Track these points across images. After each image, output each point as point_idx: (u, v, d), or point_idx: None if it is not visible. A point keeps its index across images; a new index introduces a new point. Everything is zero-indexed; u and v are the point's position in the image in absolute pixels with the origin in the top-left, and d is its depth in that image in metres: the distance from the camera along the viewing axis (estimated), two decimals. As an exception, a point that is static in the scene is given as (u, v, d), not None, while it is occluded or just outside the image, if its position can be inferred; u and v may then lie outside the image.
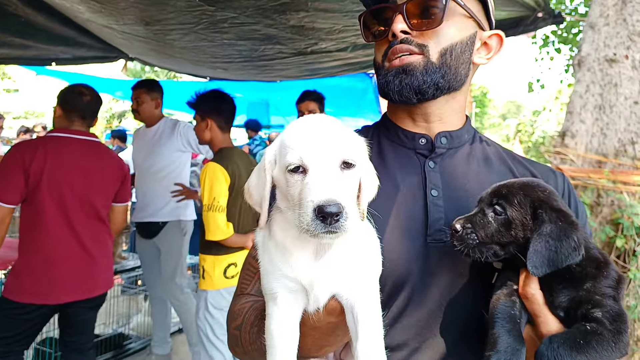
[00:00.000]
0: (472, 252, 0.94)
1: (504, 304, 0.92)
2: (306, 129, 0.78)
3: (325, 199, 0.69)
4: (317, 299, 0.81)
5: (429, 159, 1.12)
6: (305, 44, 3.31)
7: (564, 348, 0.82)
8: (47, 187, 2.78)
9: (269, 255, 0.84)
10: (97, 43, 4.43)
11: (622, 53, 4.02)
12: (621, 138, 3.97)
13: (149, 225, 4.07)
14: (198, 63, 4.19)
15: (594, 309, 0.86)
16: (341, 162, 0.76)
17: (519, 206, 0.93)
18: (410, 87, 1.06)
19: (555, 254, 0.87)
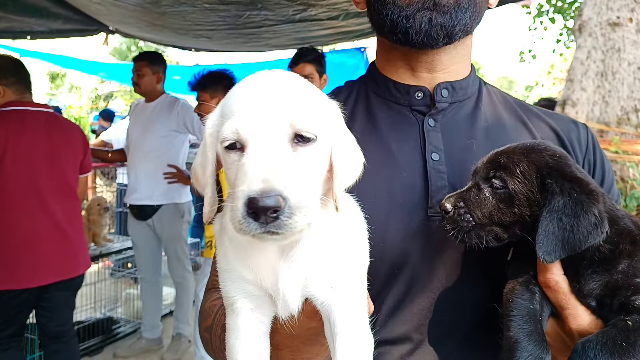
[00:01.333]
0: (467, 236, 0.78)
1: (521, 297, 0.75)
2: (248, 91, 0.59)
3: (258, 189, 0.51)
4: (286, 304, 0.64)
5: (427, 116, 0.94)
6: (293, 10, 3.09)
7: (602, 355, 0.66)
8: (13, 165, 2.61)
9: (224, 251, 0.67)
10: (73, 14, 4.20)
11: (626, 16, 3.85)
12: (624, 106, 3.84)
13: (143, 207, 3.93)
14: (180, 31, 3.96)
15: (635, 295, 0.70)
16: (292, 134, 0.57)
17: (522, 177, 0.76)
18: (442, 28, 0.86)
19: (571, 233, 0.70)
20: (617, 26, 3.90)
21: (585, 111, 3.99)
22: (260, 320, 0.66)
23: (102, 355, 4.16)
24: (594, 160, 0.99)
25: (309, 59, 3.22)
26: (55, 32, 4.82)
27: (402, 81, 0.96)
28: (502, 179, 0.77)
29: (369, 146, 0.90)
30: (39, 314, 2.90)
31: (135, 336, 4.40)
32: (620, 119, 3.86)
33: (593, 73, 3.99)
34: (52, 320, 2.89)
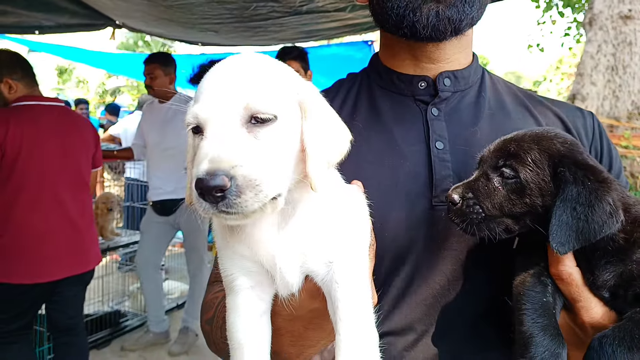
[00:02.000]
0: (477, 229, 0.75)
1: (533, 289, 0.73)
2: (211, 76, 0.60)
3: (204, 170, 0.52)
4: (285, 280, 0.63)
5: (431, 105, 0.93)
6: (300, 1, 3.07)
7: (620, 351, 0.64)
8: (28, 160, 2.61)
9: (221, 231, 0.66)
10: (80, 9, 4.20)
11: (638, 9, 3.79)
12: (635, 100, 3.78)
13: (165, 203, 4.00)
14: (187, 25, 3.95)
15: None
16: (247, 116, 0.57)
17: (534, 165, 0.73)
18: (450, 22, 0.84)
19: (585, 223, 0.68)
20: (629, 19, 3.83)
21: (595, 106, 3.95)
22: (260, 297, 0.65)
23: (110, 349, 4.19)
24: (600, 148, 0.97)
25: (293, 56, 3.25)
26: (63, 26, 4.84)
27: (405, 72, 0.96)
28: (513, 168, 0.74)
29: (373, 136, 0.91)
30: (50, 307, 2.92)
31: (142, 330, 4.43)
32: (631, 113, 3.81)
33: (603, 67, 3.94)
34: (63, 313, 2.91)
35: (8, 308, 2.66)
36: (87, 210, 2.97)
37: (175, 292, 5.31)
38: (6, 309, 2.65)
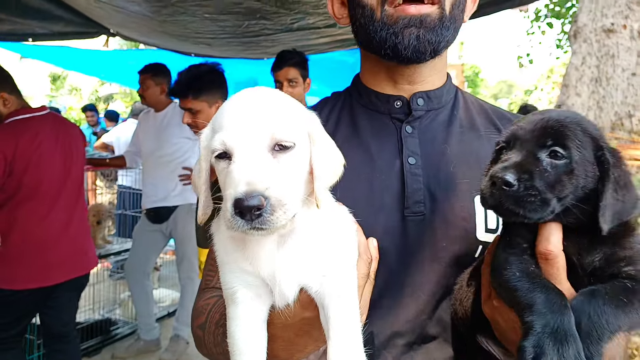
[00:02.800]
0: (533, 212, 0.70)
1: (519, 264, 0.74)
2: (234, 107, 0.66)
3: (243, 191, 0.59)
4: (283, 293, 0.70)
5: (405, 123, 1.00)
6: (291, 18, 3.13)
7: (609, 305, 0.67)
8: (34, 172, 2.69)
9: (224, 246, 0.73)
10: (75, 17, 4.25)
11: (620, 23, 3.90)
12: (618, 111, 3.88)
13: (159, 210, 4.04)
14: (181, 38, 4.01)
15: (629, 266, 0.72)
16: (272, 144, 0.64)
17: (582, 146, 0.72)
18: (429, 44, 0.90)
19: (622, 204, 0.70)
20: (612, 33, 3.95)
21: (580, 116, 4.05)
22: (259, 308, 0.71)
23: (101, 356, 4.19)
24: None
25: (292, 62, 3.13)
26: (57, 34, 4.86)
27: (383, 92, 1.02)
28: (565, 147, 0.71)
29: (352, 151, 0.96)
30: (45, 313, 2.96)
31: (133, 337, 4.43)
32: (614, 124, 3.91)
33: (588, 79, 4.04)
34: (57, 319, 2.95)
35: (9, 313, 2.70)
36: (84, 214, 3.05)
37: (166, 299, 5.31)
38: (8, 314, 2.70)
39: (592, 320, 0.66)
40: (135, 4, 3.05)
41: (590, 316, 0.66)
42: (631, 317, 0.68)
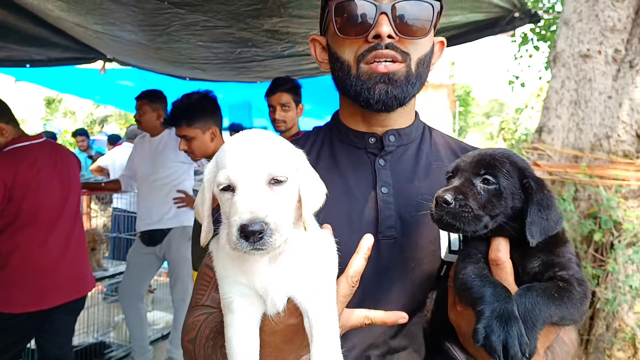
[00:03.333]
0: (467, 226, 0.87)
1: (474, 268, 0.89)
2: (235, 148, 0.78)
3: (247, 218, 0.70)
4: (274, 302, 0.81)
5: (378, 157, 1.12)
6: (281, 47, 3.28)
7: (541, 297, 0.81)
8: (33, 198, 2.77)
9: (223, 263, 0.83)
10: (72, 44, 4.33)
11: (595, 49, 4.08)
12: (596, 132, 4.03)
13: (154, 233, 4.10)
14: (176, 64, 4.14)
15: (562, 271, 0.87)
16: (269, 178, 0.76)
17: (508, 175, 0.90)
18: (395, 98, 1.03)
19: (547, 222, 0.86)
20: (588, 58, 4.12)
21: (561, 138, 4.18)
22: (253, 315, 0.82)
23: (95, 380, 4.20)
24: None
25: (285, 88, 3.28)
26: (54, 60, 4.94)
27: (358, 129, 1.15)
28: (494, 176, 0.89)
29: (333, 182, 1.07)
30: (41, 337, 3.00)
31: (127, 360, 4.45)
32: (594, 145, 4.04)
33: (567, 101, 4.20)
34: (54, 343, 2.99)
35: (7, 336, 2.76)
36: (81, 237, 3.12)
37: (160, 322, 5.33)
38: (5, 337, 2.75)
39: (527, 309, 0.79)
40: (131, 33, 3.18)
41: (526, 306, 0.79)
42: (561, 310, 0.81)
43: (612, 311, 3.59)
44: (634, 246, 3.56)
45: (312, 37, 1.21)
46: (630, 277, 3.46)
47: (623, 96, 3.94)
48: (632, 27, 4.06)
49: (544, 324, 0.80)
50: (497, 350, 0.75)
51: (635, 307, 3.57)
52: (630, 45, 4.04)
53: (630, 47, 4.04)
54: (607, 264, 3.67)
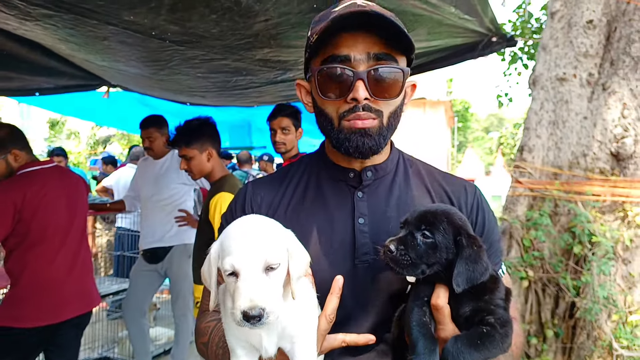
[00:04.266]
0: (405, 271, 1.08)
1: (417, 313, 1.08)
2: (237, 237, 0.95)
3: (248, 307, 0.88)
4: (267, 352, 1.02)
5: (357, 189, 1.29)
6: (274, 74, 3.54)
7: (465, 346, 1.00)
8: (41, 219, 2.96)
9: (227, 321, 1.05)
10: (79, 72, 4.53)
11: (570, 72, 4.34)
12: (574, 151, 4.26)
13: (156, 251, 4.27)
14: (177, 92, 4.40)
15: (489, 316, 1.05)
16: (266, 266, 0.92)
17: (444, 232, 1.07)
18: (370, 148, 1.20)
19: (472, 273, 1.04)
20: (564, 81, 4.38)
21: (541, 156, 4.42)
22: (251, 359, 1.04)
23: (99, 394, 4.35)
24: (475, 219, 1.32)
25: (286, 113, 3.57)
26: (61, 87, 5.15)
27: (340, 165, 1.32)
28: (431, 232, 1.05)
29: (317, 212, 1.27)
30: (50, 350, 3.13)
31: (130, 375, 4.60)
32: (571, 162, 4.27)
33: (546, 122, 4.44)
34: (61, 356, 3.13)
35: (18, 351, 2.89)
36: (88, 257, 3.29)
37: (162, 338, 5.48)
38: (16, 352, 2.88)
39: (454, 356, 0.99)
40: (136, 68, 3.45)
41: (453, 354, 0.99)
42: (483, 353, 1.01)
43: (591, 320, 3.78)
44: (603, 258, 3.76)
45: (298, 82, 1.35)
46: (602, 287, 3.65)
47: (597, 117, 4.19)
48: (603, 52, 4.34)
49: None
50: None
51: (612, 316, 3.75)
52: (603, 69, 4.31)
53: (603, 70, 4.31)
54: (582, 275, 3.87)
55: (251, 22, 2.33)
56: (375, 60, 1.15)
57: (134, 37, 2.41)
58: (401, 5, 2.53)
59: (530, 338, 4.14)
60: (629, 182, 3.98)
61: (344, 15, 1.11)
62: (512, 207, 4.43)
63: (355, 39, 1.15)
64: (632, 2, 4.12)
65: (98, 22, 2.18)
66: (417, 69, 4.31)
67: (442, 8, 2.71)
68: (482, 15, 3.20)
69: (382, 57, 1.16)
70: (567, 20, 4.48)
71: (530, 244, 4.22)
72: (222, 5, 2.09)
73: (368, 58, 1.15)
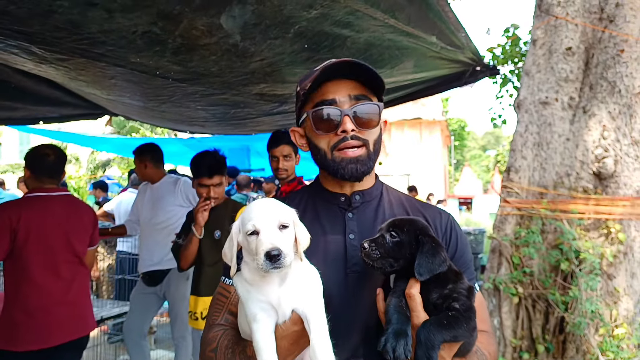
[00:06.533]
0: (376, 263, 1.29)
1: (395, 301, 1.27)
2: (257, 207, 1.20)
3: (270, 248, 1.09)
4: (284, 313, 1.18)
5: (347, 211, 1.50)
6: (270, 106, 3.75)
7: (434, 326, 1.17)
8: (35, 243, 3.07)
9: (246, 289, 1.22)
10: (82, 102, 4.67)
11: (552, 96, 4.56)
12: (558, 171, 4.45)
13: (155, 273, 4.40)
14: (178, 122, 4.61)
15: (454, 302, 1.23)
16: (279, 225, 1.15)
17: (407, 233, 1.29)
18: (363, 172, 1.44)
19: (432, 265, 1.24)
20: (547, 105, 4.59)
21: (527, 176, 4.60)
22: (270, 322, 1.18)
23: (101, 416, 4.42)
24: (449, 240, 1.53)
25: (286, 140, 3.75)
26: (65, 117, 5.30)
27: (333, 190, 1.53)
28: (397, 232, 1.29)
29: (314, 230, 1.44)
30: None
31: (132, 398, 4.66)
32: (556, 182, 4.45)
33: (531, 144, 4.64)
34: None
35: None
36: (84, 283, 3.36)
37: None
38: None
39: (426, 336, 1.16)
40: (140, 101, 3.65)
41: (425, 334, 1.16)
42: (450, 332, 1.18)
43: (579, 335, 3.90)
44: (590, 274, 3.90)
45: (292, 129, 1.61)
46: (588, 301, 3.78)
47: (579, 138, 4.39)
48: (583, 77, 4.56)
49: (441, 344, 1.17)
50: (388, 353, 1.14)
51: (599, 330, 3.87)
52: (583, 93, 4.53)
53: (583, 94, 4.53)
54: (570, 290, 4.00)
55: (248, 62, 2.54)
56: (355, 100, 1.42)
57: (140, 76, 2.62)
58: (385, 40, 2.75)
59: (522, 354, 4.25)
60: (611, 200, 4.16)
61: (333, 64, 1.39)
62: (501, 225, 4.59)
63: (338, 85, 1.44)
64: (606, 31, 4.36)
65: (107, 64, 2.39)
66: (408, 97, 4.54)
67: (423, 38, 2.93)
68: (463, 46, 3.42)
69: (360, 97, 1.43)
70: (547, 47, 4.73)
71: (520, 261, 4.37)
72: (221, 47, 2.29)
73: (350, 99, 1.42)
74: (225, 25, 2.10)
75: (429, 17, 2.72)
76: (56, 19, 1.87)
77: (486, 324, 1.52)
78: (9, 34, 2.02)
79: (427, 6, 2.61)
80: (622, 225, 4.13)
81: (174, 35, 2.11)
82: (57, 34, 2.02)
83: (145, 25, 1.97)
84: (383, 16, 2.32)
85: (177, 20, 2.01)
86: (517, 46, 10.50)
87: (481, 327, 1.40)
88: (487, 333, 1.49)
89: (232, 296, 1.43)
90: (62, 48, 2.11)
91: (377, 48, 2.81)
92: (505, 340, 4.37)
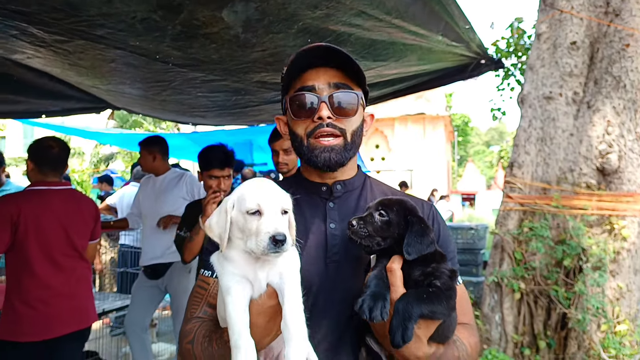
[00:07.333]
0: (363, 241, 1.28)
1: (376, 273, 1.26)
2: (259, 187, 1.19)
3: (277, 232, 1.08)
4: (260, 286, 1.16)
5: (329, 200, 1.50)
6: (272, 94, 3.73)
7: (413, 299, 1.17)
8: (35, 236, 3.08)
9: (222, 265, 1.20)
10: (85, 96, 4.69)
11: (557, 91, 4.52)
12: (561, 167, 4.41)
13: (157, 267, 4.41)
14: (179, 112, 4.60)
15: (435, 280, 1.23)
16: (282, 210, 1.16)
17: (396, 212, 1.30)
18: (336, 163, 1.43)
19: (420, 245, 1.24)
20: (551, 99, 4.56)
21: (530, 172, 4.57)
22: (244, 296, 1.16)
23: (103, 409, 4.44)
24: (432, 226, 1.49)
25: None
26: (67, 110, 5.31)
27: (314, 180, 1.53)
28: (386, 212, 1.29)
29: (297, 219, 1.43)
30: None
31: (134, 390, 4.68)
32: (559, 178, 4.42)
33: (534, 139, 4.60)
34: None
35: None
36: (84, 275, 3.37)
37: (164, 353, 5.59)
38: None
39: (404, 307, 1.15)
40: (140, 90, 3.64)
41: (404, 305, 1.16)
42: (428, 306, 1.17)
43: (582, 331, 3.88)
44: (598, 270, 3.88)
45: (276, 117, 1.60)
46: (594, 297, 3.76)
47: (583, 134, 4.36)
48: (587, 72, 4.52)
49: (419, 317, 1.16)
50: (365, 313, 1.14)
51: (602, 327, 3.86)
52: (587, 88, 4.49)
53: (587, 89, 4.48)
54: (574, 285, 3.98)
55: (249, 52, 2.52)
56: (335, 88, 1.41)
57: (140, 59, 2.61)
58: (391, 37, 2.72)
59: (523, 349, 4.24)
60: (615, 196, 4.12)
61: (310, 48, 1.38)
62: (503, 221, 4.57)
63: (318, 73, 1.43)
64: (612, 25, 4.31)
65: (106, 46, 2.38)
66: (411, 90, 4.51)
67: (430, 37, 2.91)
68: (468, 41, 3.39)
69: (340, 86, 1.42)
70: (552, 41, 4.68)
71: (522, 256, 4.35)
72: (222, 37, 2.28)
73: (329, 87, 1.41)
74: (227, 18, 2.09)
75: (434, 11, 2.69)
76: (53, 0, 1.86)
77: (467, 317, 1.50)
78: (7, 13, 2.01)
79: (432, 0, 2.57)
80: (625, 222, 4.10)
81: (174, 24, 2.09)
82: (55, 14, 2.01)
83: (144, 12, 1.95)
84: (388, 17, 2.30)
85: (177, 10, 2.00)
86: (522, 39, 10.43)
87: (463, 320, 1.41)
88: (469, 325, 1.49)
89: (210, 288, 1.42)
90: (60, 29, 2.10)
91: (382, 44, 2.78)
92: (506, 335, 4.37)
